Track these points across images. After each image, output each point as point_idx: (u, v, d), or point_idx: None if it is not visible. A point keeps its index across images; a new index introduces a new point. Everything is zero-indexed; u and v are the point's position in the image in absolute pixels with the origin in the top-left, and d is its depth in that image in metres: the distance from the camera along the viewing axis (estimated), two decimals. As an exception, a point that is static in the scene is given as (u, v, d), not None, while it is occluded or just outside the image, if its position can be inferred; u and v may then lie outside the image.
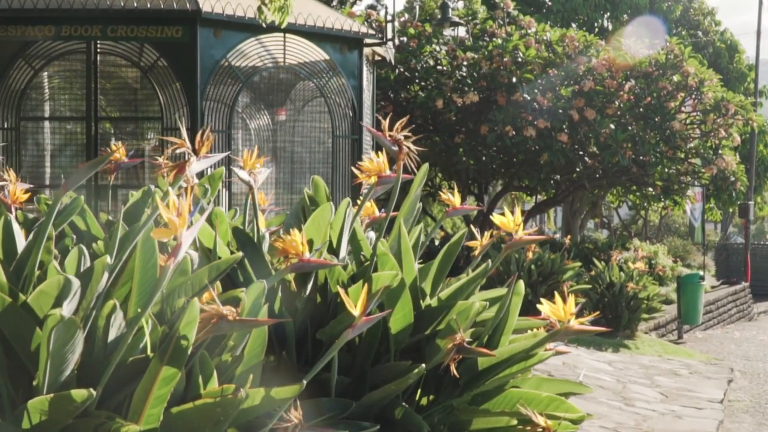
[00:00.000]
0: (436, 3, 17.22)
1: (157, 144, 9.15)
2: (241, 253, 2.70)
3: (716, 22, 29.51)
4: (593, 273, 12.32)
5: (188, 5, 8.03)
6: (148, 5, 8.02)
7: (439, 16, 15.49)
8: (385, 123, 2.98)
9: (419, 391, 3.14)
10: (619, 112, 13.93)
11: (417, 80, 14.30)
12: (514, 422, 3.08)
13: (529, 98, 13.55)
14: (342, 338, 2.41)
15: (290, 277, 2.99)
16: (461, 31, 15.72)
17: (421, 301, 3.11)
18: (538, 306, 2.83)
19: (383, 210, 3.47)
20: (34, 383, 2.16)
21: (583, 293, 11.10)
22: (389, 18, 10.16)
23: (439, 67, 14.22)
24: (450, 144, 14.27)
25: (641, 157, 14.03)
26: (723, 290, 20.07)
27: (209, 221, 3.11)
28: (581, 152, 14.16)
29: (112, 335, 2.29)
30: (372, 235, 3.52)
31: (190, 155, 2.51)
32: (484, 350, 2.90)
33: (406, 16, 16.94)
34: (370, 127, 5.19)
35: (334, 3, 17.43)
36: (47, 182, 8.97)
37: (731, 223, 33.79)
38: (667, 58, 14.29)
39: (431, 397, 3.15)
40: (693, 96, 14.53)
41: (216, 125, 8.35)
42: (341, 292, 2.48)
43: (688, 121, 14.77)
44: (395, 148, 2.97)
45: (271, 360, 2.86)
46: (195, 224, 2.11)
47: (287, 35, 8.66)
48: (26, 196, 3.19)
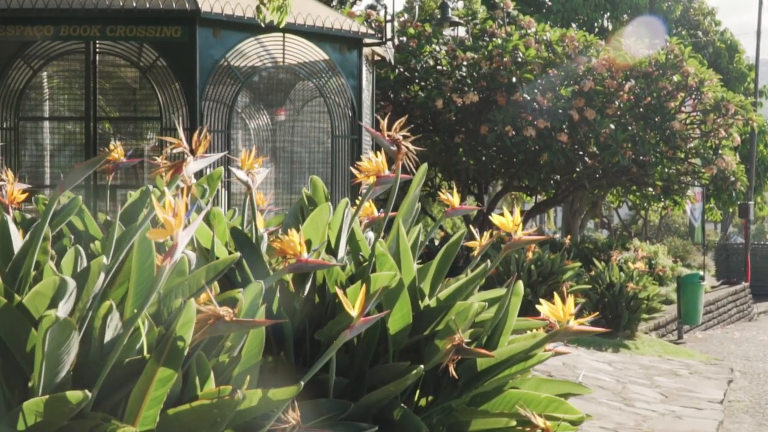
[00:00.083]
0: (436, 3, 17.21)
1: (156, 144, 9.15)
2: (239, 254, 2.69)
3: (716, 22, 29.51)
4: (593, 273, 12.31)
5: (187, 5, 8.02)
6: (147, 5, 8.02)
7: (438, 16, 15.48)
8: (384, 123, 2.97)
9: (418, 391, 3.12)
10: (619, 112, 13.93)
11: (417, 80, 14.29)
12: (513, 423, 3.07)
13: (529, 98, 13.54)
14: (340, 339, 2.39)
15: (288, 277, 2.98)
16: (461, 31, 15.71)
17: (419, 302, 3.10)
18: (538, 306, 2.82)
19: (382, 210, 3.46)
20: (30, 384, 2.15)
21: (583, 293, 11.09)
22: (389, 18, 10.15)
23: (438, 67, 14.21)
24: (450, 144, 14.26)
25: (641, 157, 14.03)
26: (723, 290, 20.06)
27: (207, 221, 3.10)
28: (581, 152, 14.16)
29: (108, 336, 2.28)
30: (371, 235, 3.50)
31: (187, 155, 2.49)
32: (483, 351, 2.89)
33: (406, 16, 16.93)
34: (368, 127, 5.17)
35: (334, 3, 17.41)
36: (46, 182, 8.96)
37: (731, 223, 33.79)
38: (667, 58, 14.29)
39: (430, 398, 3.14)
40: (693, 96, 14.52)
41: (215, 125, 8.34)
42: (339, 292, 2.47)
43: (688, 121, 14.76)
44: (394, 148, 2.96)
45: (268, 361, 2.84)
46: (191, 224, 2.10)
47: (286, 35, 8.66)
48: (24, 196, 3.17)
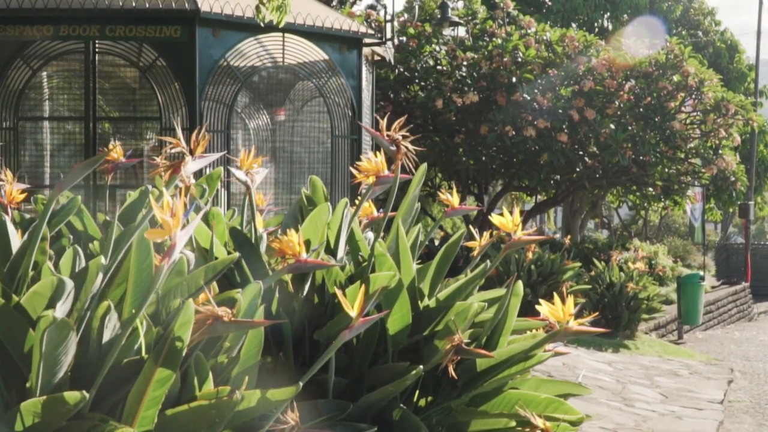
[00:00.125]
0: (436, 3, 17.20)
1: (155, 144, 9.14)
2: (237, 254, 2.68)
3: (716, 22, 29.51)
4: (593, 273, 12.30)
5: (187, 5, 8.01)
6: (147, 5, 8.01)
7: (438, 16, 15.47)
8: (383, 123, 2.96)
9: (417, 392, 3.12)
10: (619, 112, 13.92)
11: (417, 80, 14.29)
12: (513, 424, 3.06)
13: (529, 98, 13.54)
14: (339, 339, 2.39)
15: (287, 277, 2.97)
16: (461, 31, 15.70)
17: (419, 302, 3.09)
18: (538, 307, 2.81)
19: (381, 210, 3.45)
20: (28, 385, 2.14)
21: (583, 293, 11.08)
22: (389, 18, 10.14)
23: (438, 67, 14.20)
24: (450, 144, 14.26)
25: (641, 157, 14.02)
26: (723, 290, 20.05)
27: (206, 221, 3.09)
28: (581, 152, 14.15)
29: (106, 336, 2.27)
30: (370, 235, 3.49)
31: (185, 155, 2.49)
32: (483, 351, 2.88)
33: (406, 16, 16.93)
34: (368, 127, 5.16)
35: (334, 3, 17.40)
36: (46, 182, 8.96)
37: (731, 223, 33.79)
38: (667, 58, 14.28)
39: (429, 399, 3.13)
40: (693, 96, 14.51)
41: (215, 125, 8.33)
42: (338, 292, 2.46)
43: (688, 121, 14.75)
44: (393, 147, 2.95)
45: (267, 361, 2.84)
46: (189, 224, 2.09)
47: (286, 35, 8.65)
48: (23, 196, 3.16)
